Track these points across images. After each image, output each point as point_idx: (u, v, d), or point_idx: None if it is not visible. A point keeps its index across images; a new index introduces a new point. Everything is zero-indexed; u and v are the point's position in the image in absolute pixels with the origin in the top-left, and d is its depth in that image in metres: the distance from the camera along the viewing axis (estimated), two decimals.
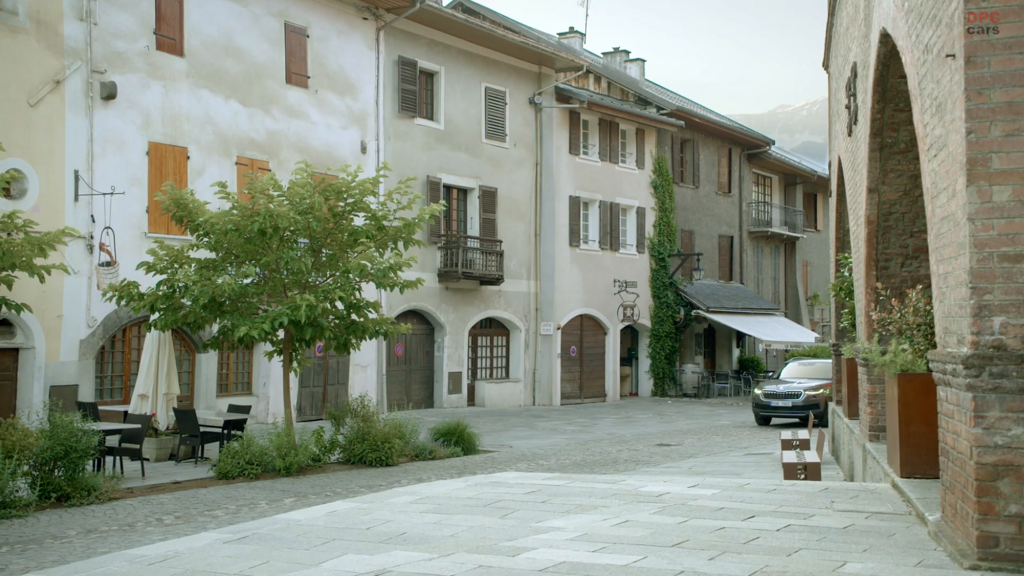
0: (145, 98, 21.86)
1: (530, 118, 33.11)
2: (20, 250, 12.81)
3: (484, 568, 6.23)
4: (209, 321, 17.05)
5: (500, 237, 31.38)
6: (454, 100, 30.24)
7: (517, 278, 32.28)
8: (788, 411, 26.11)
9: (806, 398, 25.96)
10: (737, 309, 39.88)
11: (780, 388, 26.55)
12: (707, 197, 41.89)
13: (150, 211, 21.41)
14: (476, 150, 30.92)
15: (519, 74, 32.65)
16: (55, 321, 19.84)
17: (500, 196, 31.60)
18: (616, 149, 36.69)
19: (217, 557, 7.02)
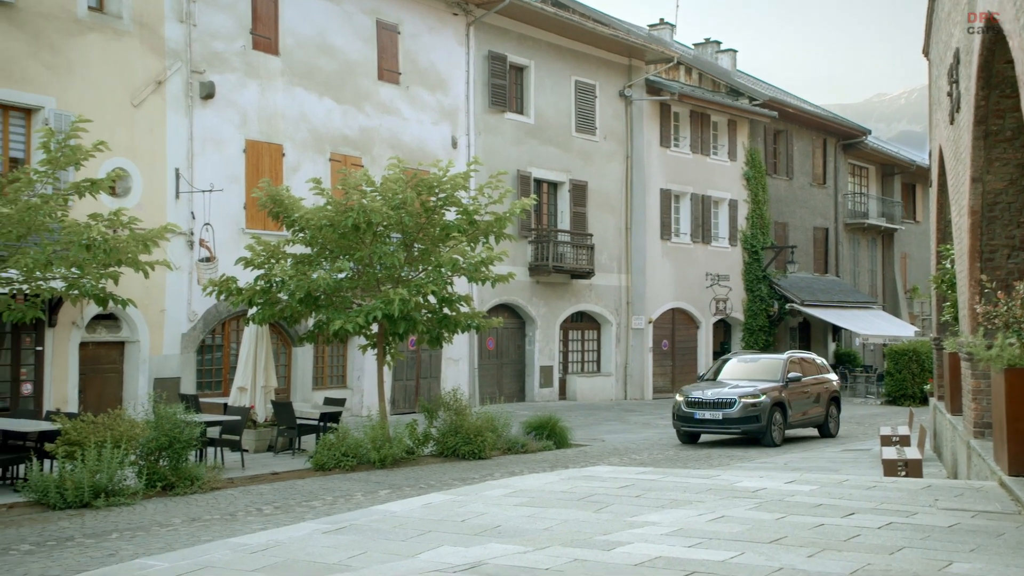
0: (242, 97, 22.34)
1: (620, 111, 32.92)
2: (126, 246, 13.19)
3: (579, 562, 6.22)
4: (305, 315, 17.35)
5: (591, 231, 31.29)
6: (544, 94, 30.24)
7: (608, 272, 32.15)
8: (718, 426, 19.63)
9: (743, 408, 19.39)
10: (833, 303, 39.10)
11: (708, 394, 19.81)
12: (801, 189, 41.15)
13: (247, 207, 21.88)
14: (566, 144, 30.87)
15: (609, 67, 32.48)
16: (158, 316, 20.43)
17: (590, 190, 31.51)
18: (707, 141, 36.27)
19: (316, 547, 7.14)
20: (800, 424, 21.06)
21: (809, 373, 21.65)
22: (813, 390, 21.44)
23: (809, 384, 21.32)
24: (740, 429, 19.59)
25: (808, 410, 21.15)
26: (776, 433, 19.78)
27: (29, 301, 13.19)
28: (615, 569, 6.01)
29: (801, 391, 20.89)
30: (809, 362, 22.47)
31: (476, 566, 6.18)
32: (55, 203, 12.98)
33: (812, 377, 21.66)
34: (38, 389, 18.69)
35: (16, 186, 12.81)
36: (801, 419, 20.92)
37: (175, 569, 6.66)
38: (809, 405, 21.23)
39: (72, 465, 12.57)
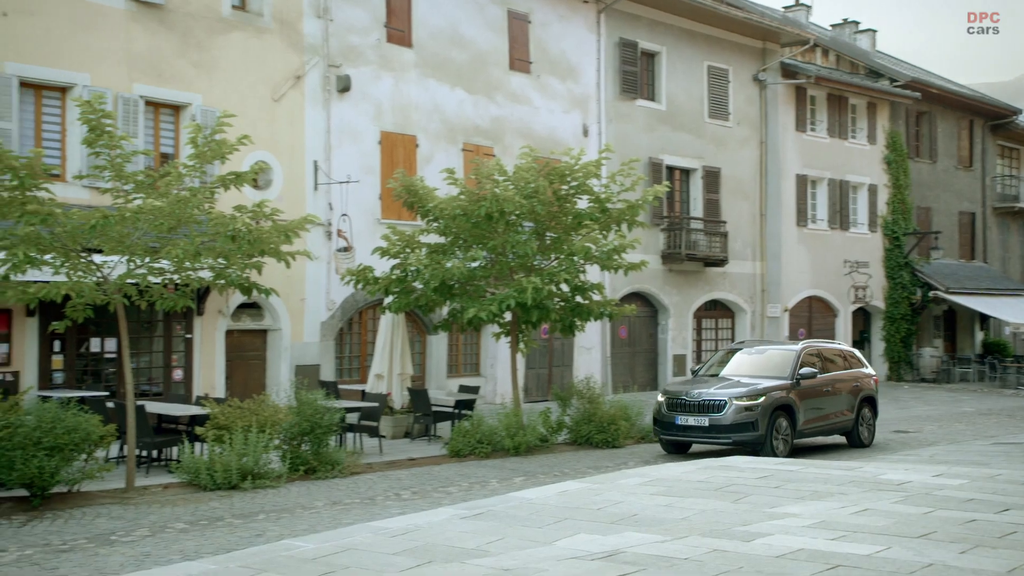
0: (377, 89, 22.77)
1: (754, 95, 32.28)
2: (269, 237, 13.60)
3: (719, 552, 6.15)
4: (439, 304, 17.59)
5: (724, 218, 30.81)
6: (676, 80, 29.88)
7: (742, 259, 31.61)
8: (704, 434, 16.04)
9: (735, 413, 15.73)
10: (980, 290, 37.52)
11: (693, 394, 16.15)
12: (945, 172, 39.59)
13: (383, 198, 22.31)
14: (698, 130, 30.45)
15: (742, 51, 31.87)
16: (298, 304, 21.05)
17: (724, 176, 31.02)
18: (845, 124, 35.23)
19: (455, 532, 7.25)
20: (817, 431, 17.29)
21: (832, 368, 17.87)
22: (838, 388, 17.60)
23: (830, 382, 17.51)
24: (730, 439, 15.81)
25: (829, 413, 17.37)
26: (780, 444, 16.01)
27: (180, 290, 13.74)
28: (756, 560, 5.92)
29: (818, 390, 17.09)
30: (834, 354, 18.51)
31: (614, 554, 6.17)
32: (202, 196, 13.46)
33: (836, 373, 17.85)
34: (188, 375, 19.52)
35: (167, 180, 13.34)
36: (818, 425, 17.18)
37: (320, 550, 6.85)
38: (830, 407, 17.37)
39: (221, 448, 13.08)
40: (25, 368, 17.32)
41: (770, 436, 15.86)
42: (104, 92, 15.08)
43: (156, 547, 9.50)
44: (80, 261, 13.03)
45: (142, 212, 12.88)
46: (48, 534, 10.12)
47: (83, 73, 18.10)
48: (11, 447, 11.41)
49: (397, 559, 6.48)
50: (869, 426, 18.33)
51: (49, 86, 17.99)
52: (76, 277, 12.89)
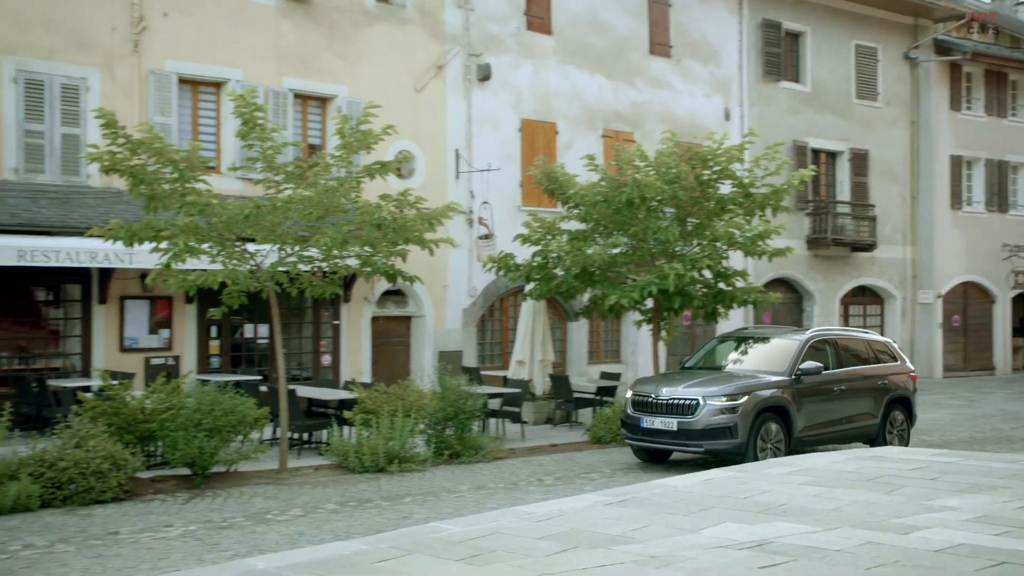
0: (517, 77, 22.88)
1: (904, 74, 31.11)
2: (413, 225, 13.85)
3: (873, 544, 5.97)
4: (580, 290, 17.59)
5: (872, 201, 29.83)
6: (821, 60, 29.05)
7: (891, 244, 30.55)
8: (672, 440, 13.60)
9: (709, 415, 13.24)
10: None
11: (662, 393, 13.76)
12: None
13: (523, 185, 22.42)
14: (845, 111, 29.54)
15: (892, 28, 30.73)
16: (441, 291, 21.39)
17: (872, 158, 30.02)
18: (1005, 102, 33.58)
19: (599, 518, 7.25)
20: (824, 438, 14.52)
21: (851, 362, 15.13)
22: (856, 387, 14.86)
23: (845, 379, 14.72)
24: (702, 446, 13.35)
25: (842, 417, 14.60)
26: (768, 455, 13.18)
27: (328, 278, 14.14)
28: (913, 554, 5.73)
29: (827, 389, 14.35)
30: (856, 345, 15.62)
31: (763, 544, 6.07)
32: (349, 185, 13.81)
33: (855, 368, 15.10)
34: (335, 360, 20.09)
35: (315, 170, 13.73)
36: (826, 431, 14.49)
37: (467, 533, 6.95)
38: (844, 410, 14.62)
39: (368, 432, 13.41)
40: (185, 352, 18.14)
41: (753, 444, 13.19)
42: (256, 86, 15.68)
43: (309, 527, 9.82)
44: (235, 250, 13.55)
45: (292, 202, 13.30)
46: (209, 511, 10.58)
47: (236, 69, 18.78)
48: (174, 428, 11.98)
49: (542, 544, 6.52)
50: (901, 433, 15.41)
51: (205, 82, 18.74)
52: (231, 265, 13.40)
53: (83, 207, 16.45)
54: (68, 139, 17.08)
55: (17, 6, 16.75)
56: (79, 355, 17.27)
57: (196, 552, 8.68)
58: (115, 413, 12.02)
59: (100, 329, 17.31)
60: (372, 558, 6.33)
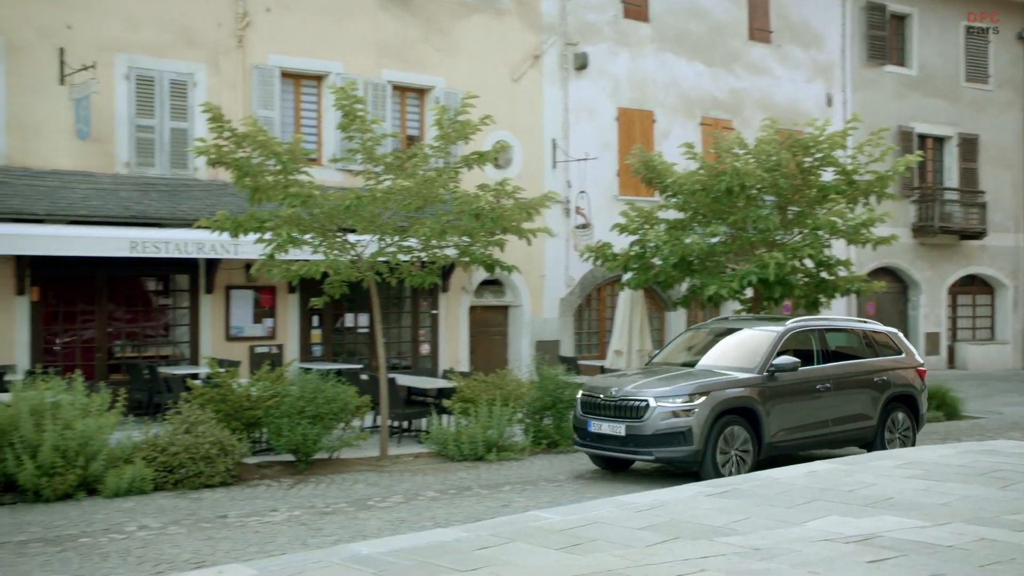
0: (614, 65, 22.76)
1: (1018, 56, 30.00)
2: (511, 215, 13.89)
3: (987, 541, 5.80)
4: (678, 280, 17.43)
5: (982, 187, 28.88)
6: (928, 43, 28.21)
7: (1003, 231, 29.55)
8: (620, 446, 11.81)
9: (661, 417, 11.48)
10: None
11: (612, 392, 12.00)
12: None
13: (620, 174, 22.32)
14: (953, 95, 28.64)
15: (1004, 7, 29.63)
16: (538, 281, 21.44)
17: (982, 143, 29.05)
18: None
19: (700, 509, 7.19)
20: (805, 443, 12.65)
21: (843, 356, 13.35)
22: (846, 384, 12.98)
23: (833, 375, 12.83)
24: (652, 454, 11.62)
25: (828, 419, 12.70)
26: (731, 464, 11.56)
27: (427, 268, 14.28)
28: None
29: (807, 387, 12.48)
30: (850, 335, 13.91)
31: (870, 538, 5.95)
32: (447, 176, 13.91)
33: (846, 363, 13.21)
34: (434, 349, 20.31)
35: (414, 161, 13.86)
36: (807, 435, 12.56)
37: (566, 522, 6.97)
38: (830, 410, 12.73)
39: (467, 420, 13.52)
40: (288, 341, 18.53)
41: (712, 451, 11.44)
42: (355, 79, 15.89)
43: (410, 513, 9.95)
44: (336, 240, 13.78)
45: (392, 192, 13.47)
46: (312, 497, 10.81)
47: (336, 62, 19.09)
48: (279, 415, 12.25)
49: (643, 534, 6.50)
50: (904, 437, 13.46)
51: (306, 75, 19.09)
52: (333, 255, 13.64)
53: (191, 199, 16.93)
54: (177, 133, 17.58)
55: (129, 5, 17.29)
56: (187, 343, 17.80)
57: (301, 537, 8.88)
58: (222, 400, 12.34)
59: (207, 318, 17.81)
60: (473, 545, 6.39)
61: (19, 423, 10.31)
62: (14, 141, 16.35)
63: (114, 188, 16.70)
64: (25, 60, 16.43)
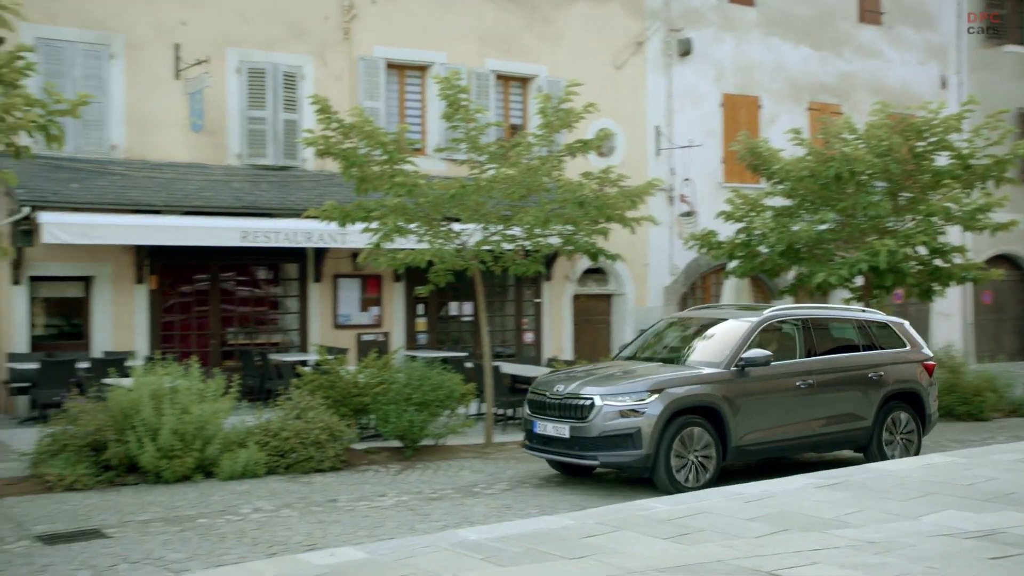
0: (718, 51, 22.46)
1: None
2: (615, 203, 13.84)
3: None
4: (785, 268, 17.15)
5: None
6: None
7: None
8: (565, 448, 10.65)
9: (607, 418, 10.31)
10: None
11: (559, 389, 10.85)
12: None
13: (725, 161, 22.05)
14: None
15: None
16: (642, 269, 21.32)
17: None
18: None
19: (810, 501, 7.08)
20: (783, 446, 11.36)
21: (828, 347, 11.88)
22: (832, 381, 11.52)
23: (817, 369, 11.42)
24: (597, 458, 10.43)
25: (811, 420, 11.34)
26: (689, 471, 10.37)
27: (531, 256, 14.32)
28: None
29: (784, 385, 11.17)
30: (841, 326, 12.44)
31: (991, 534, 5.77)
32: (551, 164, 13.92)
33: (834, 358, 11.76)
34: (538, 337, 20.37)
35: (518, 150, 13.90)
36: (783, 438, 11.22)
37: (674, 512, 6.94)
38: (813, 411, 11.35)
39: None
40: (394, 329, 18.81)
41: (666, 456, 10.22)
42: (459, 68, 16.00)
43: (515, 500, 10.02)
44: (441, 229, 13.91)
45: (496, 181, 13.54)
46: (420, 483, 10.96)
47: (440, 52, 19.26)
48: (386, 402, 12.45)
49: (752, 524, 6.44)
50: (906, 440, 12.01)
51: (411, 66, 19.31)
52: (438, 244, 13.78)
53: (300, 190, 17.29)
54: (286, 125, 17.96)
55: (240, 1, 17.72)
56: (297, 331, 18.20)
57: (409, 522, 9.01)
58: (331, 387, 12.59)
59: (315, 306, 18.19)
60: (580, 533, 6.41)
61: (140, 407, 10.69)
62: (133, 135, 16.93)
63: (226, 179, 17.16)
64: (143, 57, 16.98)
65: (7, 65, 8.61)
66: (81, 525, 8.80)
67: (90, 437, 10.64)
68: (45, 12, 15.69)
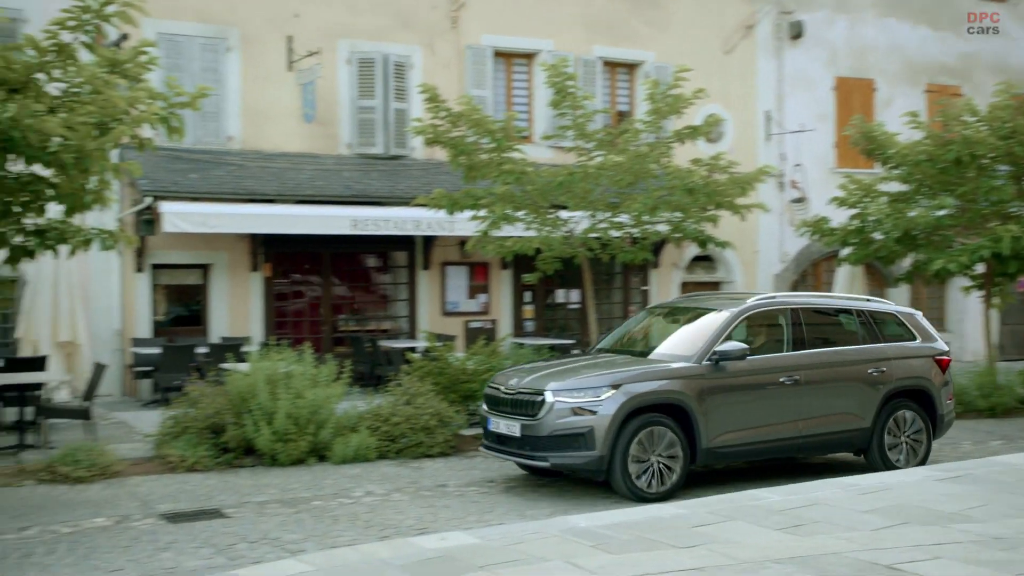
0: (831, 33, 21.95)
1: None
2: (725, 190, 13.68)
3: None
4: (901, 255, 16.71)
5: None
6: None
7: None
8: (516, 448, 9.76)
9: (558, 415, 9.38)
10: None
11: (513, 383, 9.96)
12: None
13: (837, 146, 21.55)
14: None
15: None
16: (751, 256, 21.00)
17: None
18: None
19: (930, 493, 6.90)
20: (764, 449, 10.26)
21: (821, 340, 10.64)
22: (824, 377, 10.39)
23: (805, 364, 10.28)
24: (547, 460, 9.49)
25: (800, 418, 10.21)
26: (650, 475, 9.38)
27: (638, 244, 14.24)
28: None
29: (766, 380, 10.13)
30: (838, 317, 11.22)
31: None
32: (659, 151, 13.81)
33: (826, 350, 10.58)
34: None
35: (626, 137, 13.84)
36: (764, 441, 10.11)
37: (787, 502, 6.84)
38: (800, 409, 10.21)
39: None
40: (501, 316, 18.92)
41: (622, 458, 9.27)
42: (566, 56, 16.03)
43: None
44: (548, 217, 13.94)
45: (603, 168, 13.51)
46: None
47: (547, 40, 19.25)
48: None
49: (868, 517, 6.30)
50: (913, 442, 10.79)
51: (518, 54, 19.36)
52: (545, 232, 13.81)
53: (408, 178, 17.50)
54: (396, 114, 18.19)
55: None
56: (406, 318, 18.45)
57: (518, 508, 9.07)
58: (440, 373, 12.72)
59: (424, 294, 18.41)
60: (690, 522, 6.37)
61: (256, 392, 10.98)
62: (248, 126, 17.36)
63: (337, 168, 17.48)
64: (257, 50, 17.38)
65: (131, 60, 8.92)
66: (202, 505, 9.10)
67: (209, 420, 10.97)
68: (166, 8, 16.18)
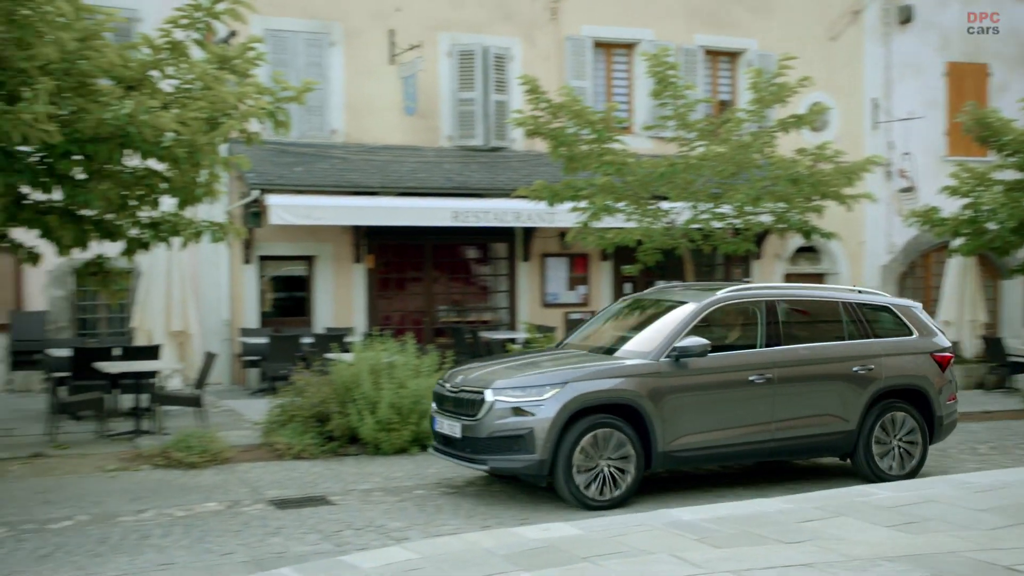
0: (942, 17, 21.27)
1: None
2: (830, 180, 13.41)
3: None
4: (1017, 245, 16.17)
5: None
6: None
7: None
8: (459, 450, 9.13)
9: (498, 416, 8.75)
10: None
11: (458, 381, 9.39)
12: None
13: (948, 134, 20.91)
14: None
15: None
16: (857, 247, 20.52)
17: None
18: None
19: None
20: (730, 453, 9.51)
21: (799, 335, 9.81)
22: (800, 375, 9.58)
23: (779, 362, 9.47)
24: (487, 463, 8.91)
25: (773, 420, 9.42)
26: (597, 481, 8.73)
27: (741, 235, 14.05)
28: None
29: (733, 379, 9.36)
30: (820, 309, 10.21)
31: None
32: (762, 140, 13.60)
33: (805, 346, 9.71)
34: None
35: (728, 126, 13.66)
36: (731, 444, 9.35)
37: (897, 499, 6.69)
38: (773, 410, 9.41)
39: None
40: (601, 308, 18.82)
41: (566, 462, 8.62)
42: (667, 45, 15.82)
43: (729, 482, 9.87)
44: (649, 208, 13.84)
45: (705, 159, 13.37)
46: None
47: (647, 29, 19.08)
48: None
49: (984, 516, 6.12)
50: (908, 443, 9.93)
51: (618, 44, 19.23)
52: (646, 223, 13.72)
53: (508, 170, 17.56)
54: (496, 106, 18.25)
55: None
56: (506, 309, 18.53)
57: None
58: None
59: (524, 285, 18.46)
60: (796, 517, 6.27)
61: (360, 381, 11.16)
62: (351, 120, 17.63)
63: (438, 161, 17.63)
64: (359, 44, 17.63)
65: (240, 56, 9.13)
66: (309, 492, 9.30)
67: (315, 409, 11.20)
68: (272, 4, 16.51)
